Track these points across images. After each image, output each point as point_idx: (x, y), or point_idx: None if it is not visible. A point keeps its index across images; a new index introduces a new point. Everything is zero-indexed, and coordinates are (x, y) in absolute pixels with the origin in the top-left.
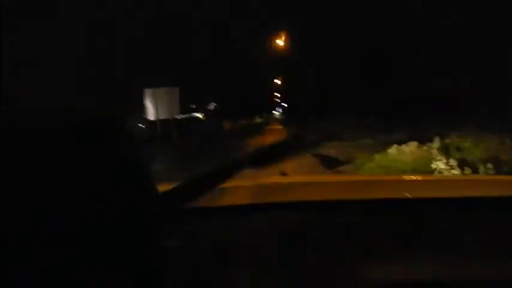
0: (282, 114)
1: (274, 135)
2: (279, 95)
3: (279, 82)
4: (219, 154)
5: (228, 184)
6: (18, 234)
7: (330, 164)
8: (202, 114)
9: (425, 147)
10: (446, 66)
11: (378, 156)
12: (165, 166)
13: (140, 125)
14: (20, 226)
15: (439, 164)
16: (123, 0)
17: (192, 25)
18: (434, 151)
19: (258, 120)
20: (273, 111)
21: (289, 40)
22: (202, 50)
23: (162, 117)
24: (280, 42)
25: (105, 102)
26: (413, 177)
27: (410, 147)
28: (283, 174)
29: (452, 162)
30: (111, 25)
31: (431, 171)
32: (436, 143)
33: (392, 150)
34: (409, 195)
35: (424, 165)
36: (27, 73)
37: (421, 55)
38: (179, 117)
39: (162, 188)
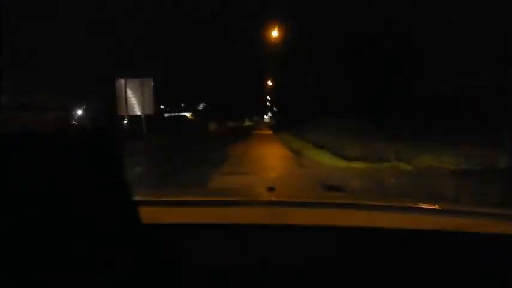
0: (271, 118)
1: (261, 142)
2: (269, 98)
3: (270, 83)
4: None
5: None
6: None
7: None
8: (191, 114)
9: None
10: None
11: None
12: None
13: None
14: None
15: None
16: (120, 1)
17: (185, 24)
18: None
19: (247, 123)
20: (264, 115)
21: (284, 38)
22: (195, 49)
23: (132, 112)
24: (274, 35)
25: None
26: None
27: None
28: (271, 189)
29: None
30: (109, 25)
31: None
32: None
33: None
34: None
35: None
36: (26, 72)
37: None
38: (166, 115)
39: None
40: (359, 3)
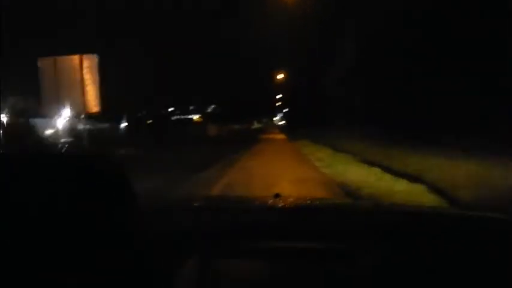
0: (282, 119)
1: (271, 158)
2: (280, 96)
3: (281, 76)
4: None
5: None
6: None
7: None
8: (199, 116)
9: None
10: None
11: None
12: None
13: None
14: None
15: None
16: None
17: (189, 24)
18: None
19: (256, 125)
20: (274, 117)
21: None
22: (204, 49)
23: (66, 113)
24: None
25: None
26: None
27: None
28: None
29: None
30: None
31: None
32: None
33: None
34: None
35: None
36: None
37: None
38: (173, 118)
39: None
40: None
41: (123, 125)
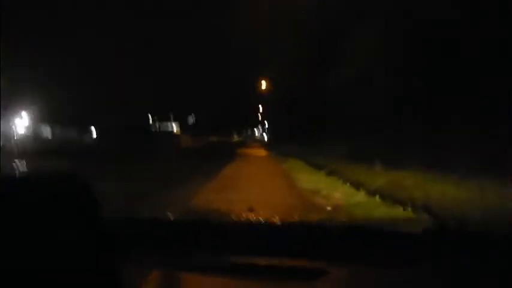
0: (264, 133)
1: (241, 189)
2: (261, 107)
3: (263, 85)
4: None
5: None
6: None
7: None
8: (177, 129)
9: None
10: None
11: None
12: None
13: None
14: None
15: None
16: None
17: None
18: None
19: (236, 138)
20: (255, 129)
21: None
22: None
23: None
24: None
25: None
26: None
27: None
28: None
29: None
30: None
31: None
32: None
33: None
34: None
35: None
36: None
37: None
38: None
39: None
40: None
41: (92, 135)
